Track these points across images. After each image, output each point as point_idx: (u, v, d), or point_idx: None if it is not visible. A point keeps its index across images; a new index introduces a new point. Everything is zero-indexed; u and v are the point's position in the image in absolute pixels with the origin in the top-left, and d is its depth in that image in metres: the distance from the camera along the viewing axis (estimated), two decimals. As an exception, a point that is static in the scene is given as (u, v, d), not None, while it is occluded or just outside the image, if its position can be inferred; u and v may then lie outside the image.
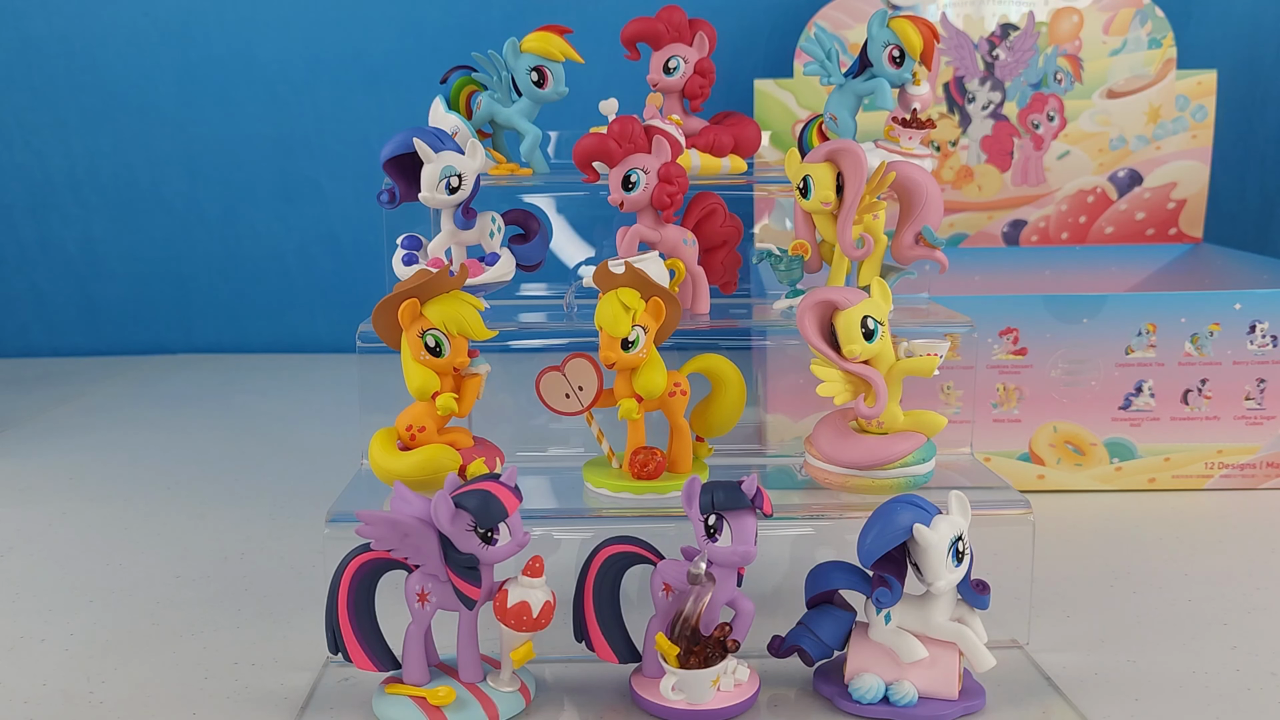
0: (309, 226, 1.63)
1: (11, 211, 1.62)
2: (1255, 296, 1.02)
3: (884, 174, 0.75)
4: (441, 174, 0.74)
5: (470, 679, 0.66)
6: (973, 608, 0.65)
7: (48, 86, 1.57)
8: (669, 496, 0.74)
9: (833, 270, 0.79)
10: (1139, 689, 0.68)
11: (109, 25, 1.55)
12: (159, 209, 1.62)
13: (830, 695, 0.66)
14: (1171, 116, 1.40)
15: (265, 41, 1.56)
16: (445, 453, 0.71)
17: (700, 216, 0.82)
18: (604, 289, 0.73)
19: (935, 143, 1.40)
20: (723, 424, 0.79)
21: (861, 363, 0.72)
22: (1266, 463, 1.05)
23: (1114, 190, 1.42)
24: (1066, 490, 1.05)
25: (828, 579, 0.67)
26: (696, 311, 0.81)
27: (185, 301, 1.66)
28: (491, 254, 0.79)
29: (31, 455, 1.19)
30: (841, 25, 1.38)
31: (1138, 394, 1.04)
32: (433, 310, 0.70)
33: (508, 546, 0.62)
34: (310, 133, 1.59)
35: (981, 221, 1.44)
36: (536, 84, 0.85)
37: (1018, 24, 1.39)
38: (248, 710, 0.67)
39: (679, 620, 0.65)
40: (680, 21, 0.87)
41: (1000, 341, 1.03)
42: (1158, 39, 1.39)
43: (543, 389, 0.76)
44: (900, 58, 0.80)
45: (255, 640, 0.76)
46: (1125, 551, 0.91)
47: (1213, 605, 0.80)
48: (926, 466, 0.74)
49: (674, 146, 0.77)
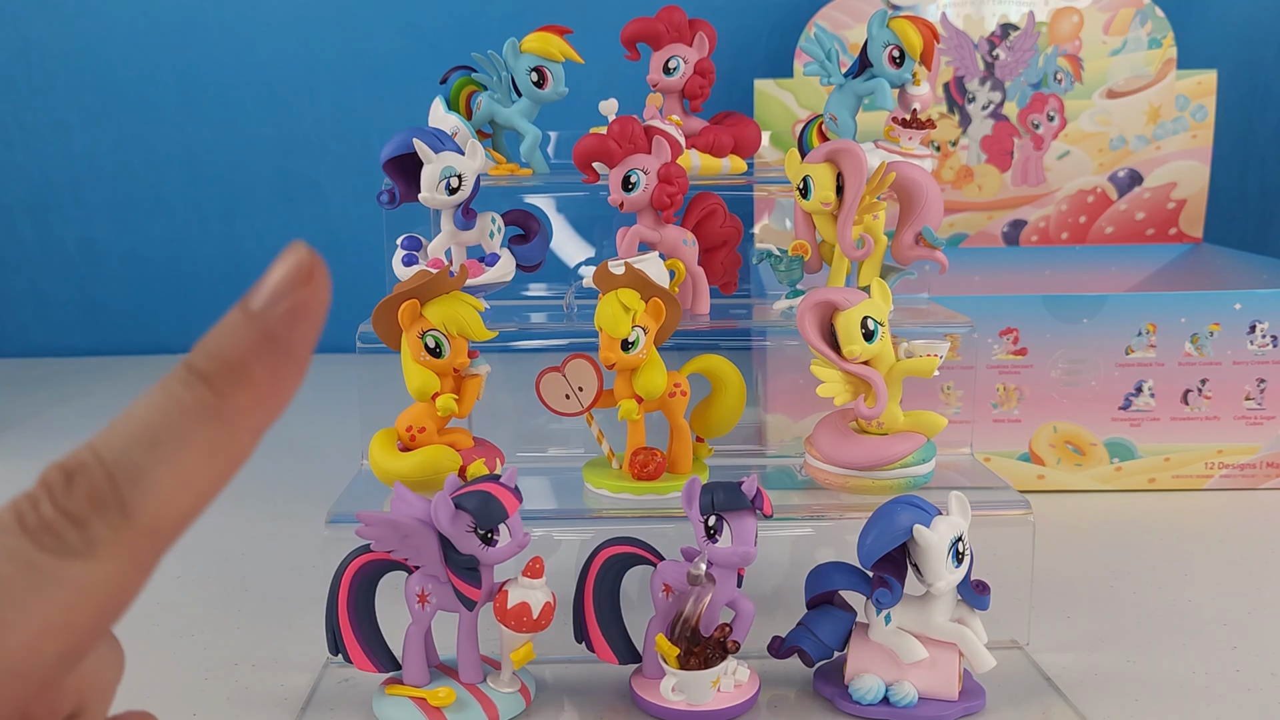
0: (309, 226, 1.63)
1: (11, 211, 1.62)
2: (1255, 296, 1.02)
3: (884, 174, 0.75)
4: (441, 174, 0.74)
5: (470, 680, 0.66)
6: (973, 608, 0.65)
7: (48, 86, 1.57)
8: (669, 497, 0.74)
9: (833, 271, 0.79)
10: (1139, 689, 0.68)
11: (109, 25, 1.55)
12: (159, 209, 1.62)
13: (830, 696, 0.66)
14: (1171, 116, 1.40)
15: (265, 41, 1.56)
16: (445, 453, 0.71)
17: (700, 217, 0.82)
18: (604, 289, 0.72)
19: (935, 143, 1.40)
20: (723, 424, 0.79)
21: (861, 363, 0.72)
22: (1266, 463, 1.05)
23: (1114, 190, 1.42)
24: (1066, 490, 1.05)
25: (828, 580, 0.67)
26: (696, 312, 0.81)
27: (185, 301, 1.66)
28: (491, 254, 0.79)
29: (31, 455, 1.19)
30: (841, 25, 1.38)
31: (1138, 394, 1.04)
32: (433, 311, 0.70)
33: (508, 547, 0.62)
34: (310, 133, 1.59)
35: (981, 221, 1.44)
36: (536, 84, 0.85)
37: (1018, 24, 1.39)
38: (248, 710, 0.67)
39: (679, 621, 0.65)
40: (680, 21, 0.87)
41: (1000, 341, 1.03)
42: (1158, 39, 1.39)
43: (543, 390, 0.76)
44: (900, 58, 0.80)
45: (255, 640, 0.76)
46: (1125, 551, 0.91)
47: (1213, 605, 0.80)
48: (926, 467, 0.74)
49: (674, 147, 0.77)
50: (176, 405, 0.24)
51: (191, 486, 0.24)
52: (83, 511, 0.23)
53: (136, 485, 0.23)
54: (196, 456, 0.24)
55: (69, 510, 0.23)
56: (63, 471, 0.23)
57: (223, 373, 0.24)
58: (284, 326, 0.24)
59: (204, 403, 0.24)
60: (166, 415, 0.24)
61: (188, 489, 0.24)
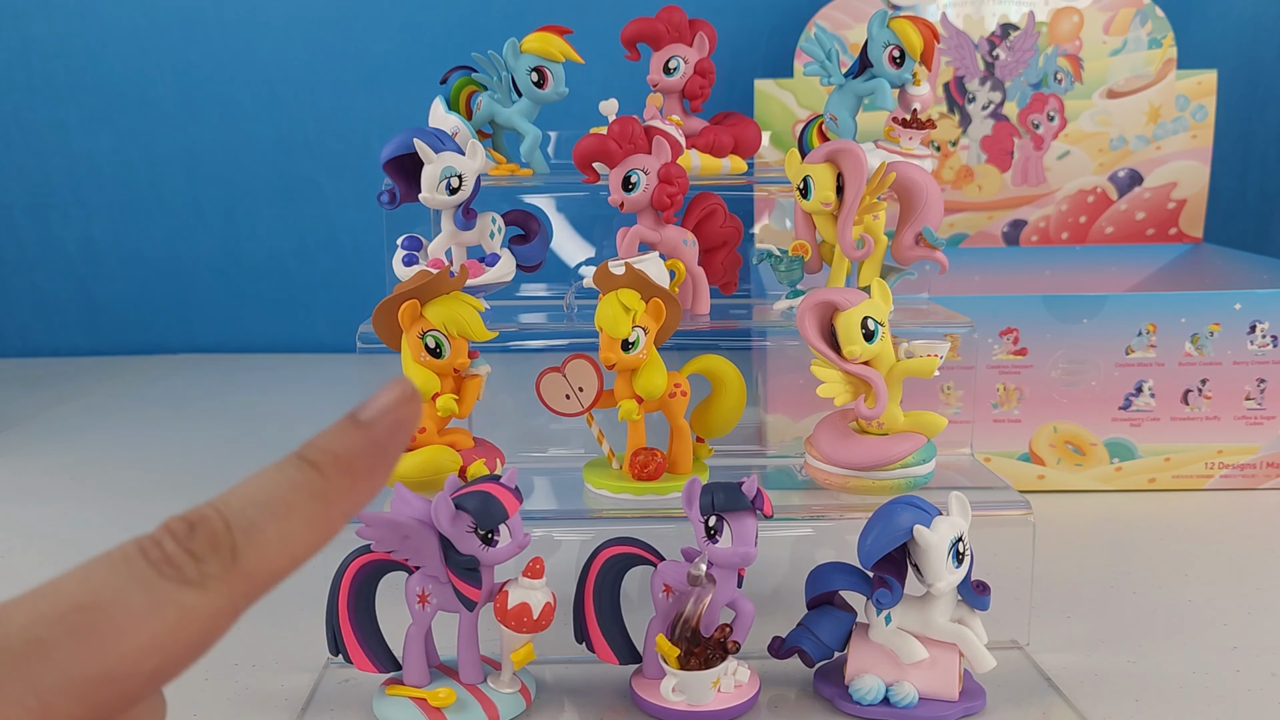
0: (309, 226, 1.63)
1: (11, 211, 1.62)
2: (1255, 296, 1.02)
3: (884, 174, 0.75)
4: (442, 175, 0.74)
5: (471, 680, 0.66)
6: (973, 609, 0.65)
7: (48, 86, 1.57)
8: (669, 497, 0.74)
9: (833, 271, 0.79)
10: (1139, 689, 0.68)
11: (109, 25, 1.55)
12: (159, 209, 1.62)
13: (830, 696, 0.66)
14: (1171, 116, 1.40)
15: (265, 41, 1.56)
16: (445, 454, 0.71)
17: (700, 217, 0.82)
18: (604, 290, 0.72)
19: (935, 143, 1.40)
20: (723, 425, 0.79)
21: (862, 363, 0.72)
22: (1266, 463, 1.05)
23: (1114, 190, 1.42)
24: (1066, 490, 1.05)
25: (828, 580, 0.67)
26: (696, 312, 0.81)
27: (185, 301, 1.66)
28: (492, 255, 0.79)
29: (31, 455, 1.19)
30: (841, 25, 1.38)
31: (1138, 394, 1.04)
32: (433, 311, 0.70)
33: (508, 548, 0.62)
34: (310, 133, 1.59)
35: (981, 221, 1.44)
36: (536, 84, 0.85)
37: (1018, 24, 1.39)
38: (248, 711, 0.67)
39: (679, 621, 0.65)
40: (680, 22, 0.87)
41: (1000, 341, 1.03)
42: (1158, 39, 1.39)
43: (543, 390, 0.76)
44: (900, 58, 0.80)
45: (255, 641, 0.76)
46: (1125, 551, 0.91)
47: (1213, 605, 0.80)
48: (927, 467, 0.74)
49: (674, 147, 0.77)
50: (289, 481, 0.29)
51: (291, 547, 0.28)
52: (201, 550, 0.27)
53: (248, 536, 0.27)
54: (300, 523, 0.28)
55: (189, 548, 0.27)
56: (185, 521, 0.27)
57: (331, 463, 0.29)
58: (386, 434, 0.30)
59: (312, 482, 0.29)
60: (280, 487, 0.29)
61: (288, 548, 0.28)
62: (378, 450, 0.30)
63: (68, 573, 0.26)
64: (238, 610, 0.27)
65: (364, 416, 0.30)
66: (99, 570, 0.26)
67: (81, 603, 0.25)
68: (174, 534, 0.27)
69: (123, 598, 0.26)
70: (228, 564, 0.27)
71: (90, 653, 0.25)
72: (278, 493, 0.28)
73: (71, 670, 0.25)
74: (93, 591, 0.26)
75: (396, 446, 0.30)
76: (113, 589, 0.26)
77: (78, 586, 0.26)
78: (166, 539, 0.27)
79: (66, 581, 0.26)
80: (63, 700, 0.25)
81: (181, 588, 0.26)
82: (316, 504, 0.29)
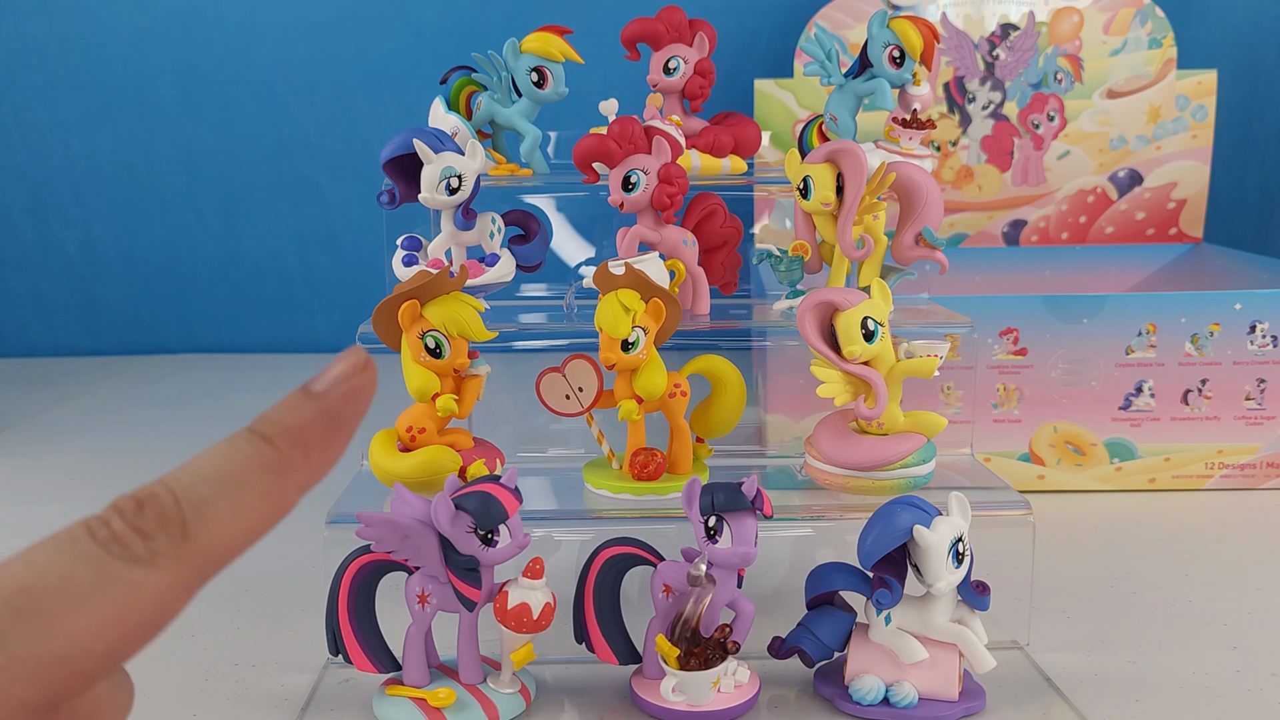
0: (309, 226, 1.63)
1: (11, 211, 1.62)
2: (1255, 296, 1.02)
3: (884, 174, 0.75)
4: (441, 175, 0.74)
5: (470, 680, 0.66)
6: (973, 609, 0.65)
7: (48, 86, 1.57)
8: (669, 498, 0.74)
9: (833, 271, 0.79)
10: (1139, 689, 0.68)
11: (109, 25, 1.55)
12: (159, 209, 1.62)
13: (830, 696, 0.66)
14: (1171, 116, 1.40)
15: (265, 41, 1.56)
16: (445, 454, 0.71)
17: (700, 217, 0.82)
18: (604, 290, 0.72)
19: (935, 143, 1.40)
20: (723, 425, 0.79)
21: (861, 364, 0.72)
22: (1266, 463, 1.05)
23: (1114, 190, 1.42)
24: (1066, 490, 1.05)
25: (828, 580, 0.67)
26: (696, 312, 0.81)
27: (185, 301, 1.66)
28: (491, 255, 0.79)
29: (31, 455, 1.19)
30: (841, 25, 1.38)
31: (1138, 394, 1.04)
32: (433, 311, 0.70)
33: (508, 548, 0.62)
34: (310, 133, 1.59)
35: (981, 221, 1.44)
36: (536, 84, 0.85)
37: (1018, 24, 1.39)
38: (248, 711, 0.67)
39: (679, 622, 0.65)
40: (680, 22, 0.87)
41: (1000, 341, 1.03)
42: (1158, 39, 1.39)
43: (543, 390, 0.76)
44: (900, 58, 0.80)
45: (255, 641, 0.76)
46: (1125, 551, 0.91)
47: (1213, 605, 0.80)
48: (927, 467, 0.74)
49: (674, 147, 0.77)
50: (240, 454, 0.28)
51: (243, 522, 0.28)
52: (150, 528, 0.27)
53: (198, 512, 0.27)
54: (252, 497, 0.28)
55: (138, 526, 0.27)
56: (134, 499, 0.27)
57: (282, 434, 0.29)
58: (339, 404, 0.29)
59: (263, 456, 0.28)
60: (230, 461, 0.28)
61: (240, 523, 0.28)
62: (331, 421, 0.29)
63: (13, 556, 0.26)
64: (191, 587, 0.27)
65: (316, 388, 0.29)
66: (45, 551, 0.26)
67: (26, 585, 0.25)
68: (122, 512, 0.27)
69: (69, 578, 0.25)
70: (177, 540, 0.27)
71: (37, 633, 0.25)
72: (228, 467, 0.28)
73: (19, 652, 0.25)
74: (38, 573, 0.25)
75: (351, 416, 0.30)
76: (58, 569, 0.26)
77: (23, 569, 0.26)
78: (114, 518, 0.27)
79: (11, 565, 0.26)
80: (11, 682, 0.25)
81: (130, 566, 0.26)
82: (268, 477, 0.28)
